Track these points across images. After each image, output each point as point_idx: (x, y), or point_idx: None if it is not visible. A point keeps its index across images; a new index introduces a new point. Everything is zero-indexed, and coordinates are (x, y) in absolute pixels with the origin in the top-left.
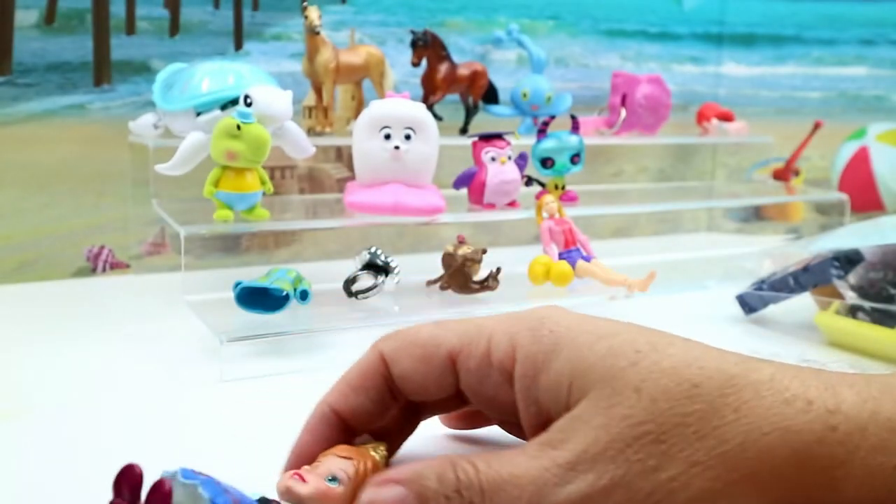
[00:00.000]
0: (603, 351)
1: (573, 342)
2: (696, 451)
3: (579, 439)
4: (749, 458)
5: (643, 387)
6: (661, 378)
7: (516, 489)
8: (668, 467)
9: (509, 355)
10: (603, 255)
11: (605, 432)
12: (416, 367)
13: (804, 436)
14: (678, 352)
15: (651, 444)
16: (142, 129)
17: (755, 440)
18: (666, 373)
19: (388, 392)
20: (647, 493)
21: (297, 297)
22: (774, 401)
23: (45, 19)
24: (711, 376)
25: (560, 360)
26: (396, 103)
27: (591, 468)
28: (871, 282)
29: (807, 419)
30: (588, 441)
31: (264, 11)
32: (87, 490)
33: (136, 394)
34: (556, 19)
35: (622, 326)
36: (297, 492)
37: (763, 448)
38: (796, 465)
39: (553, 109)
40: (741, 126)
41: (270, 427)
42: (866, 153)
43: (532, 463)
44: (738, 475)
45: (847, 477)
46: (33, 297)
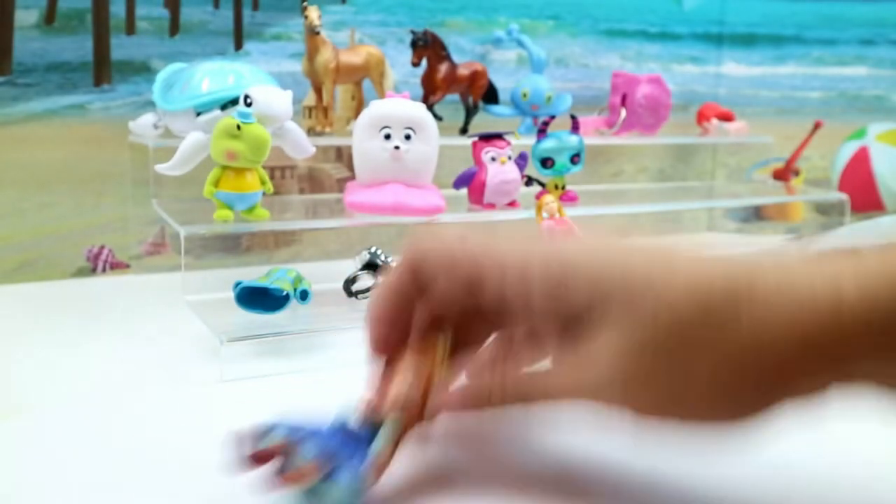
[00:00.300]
0: (618, 276)
1: (589, 268)
2: (710, 356)
3: (603, 361)
4: (760, 356)
5: (658, 307)
6: (674, 297)
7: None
8: (686, 373)
9: (526, 282)
10: None
11: (626, 352)
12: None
13: (811, 330)
14: (689, 267)
15: (668, 356)
16: (142, 129)
17: (765, 342)
18: (679, 291)
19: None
20: (667, 396)
21: (297, 297)
22: (781, 303)
23: (45, 19)
24: (723, 287)
25: (578, 288)
26: (396, 103)
27: (616, 386)
28: None
29: (813, 317)
30: (612, 361)
31: (264, 11)
32: (87, 490)
33: (136, 394)
34: (556, 19)
35: (635, 249)
36: None
37: (772, 346)
38: (804, 358)
39: (553, 109)
40: (741, 126)
41: None
42: (866, 153)
43: (565, 380)
44: (749, 373)
45: (855, 362)
46: (33, 297)
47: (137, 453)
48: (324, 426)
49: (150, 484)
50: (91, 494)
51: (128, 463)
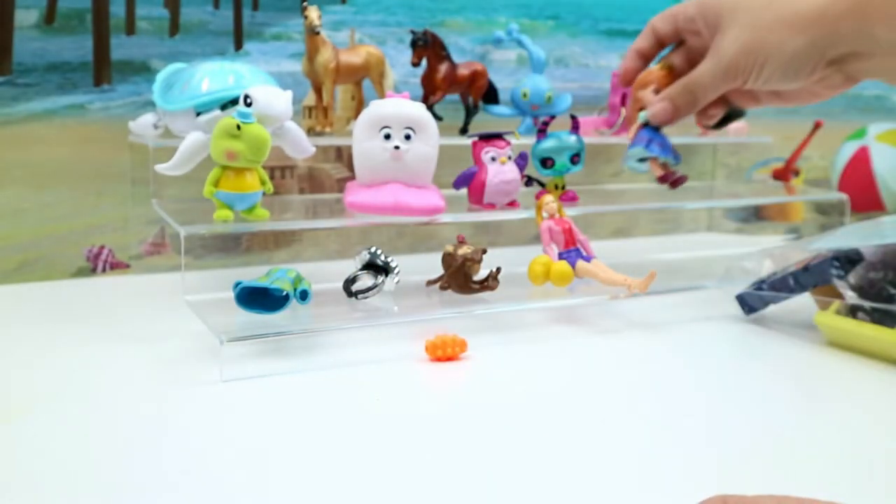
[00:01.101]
0: (735, 3)
1: (722, 3)
2: (766, 24)
3: (720, 46)
4: (794, 18)
5: (746, 17)
6: (756, 12)
7: (704, 75)
8: (758, 39)
9: (691, 16)
10: (603, 255)
11: (737, 39)
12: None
13: (835, 2)
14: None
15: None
16: (142, 128)
17: (797, 10)
18: (761, 9)
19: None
20: (756, 45)
21: (297, 297)
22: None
23: (45, 19)
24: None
25: (713, 13)
26: (396, 103)
27: (728, 55)
28: (871, 282)
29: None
30: (725, 46)
31: (264, 11)
32: (87, 489)
33: (137, 393)
34: (556, 19)
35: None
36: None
37: (801, 13)
38: (830, 16)
39: (553, 109)
40: (741, 126)
41: (270, 427)
42: (866, 153)
43: (708, 63)
44: (788, 29)
45: (879, 15)
46: (33, 297)
47: (138, 453)
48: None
49: (150, 483)
50: (91, 494)
51: (128, 462)
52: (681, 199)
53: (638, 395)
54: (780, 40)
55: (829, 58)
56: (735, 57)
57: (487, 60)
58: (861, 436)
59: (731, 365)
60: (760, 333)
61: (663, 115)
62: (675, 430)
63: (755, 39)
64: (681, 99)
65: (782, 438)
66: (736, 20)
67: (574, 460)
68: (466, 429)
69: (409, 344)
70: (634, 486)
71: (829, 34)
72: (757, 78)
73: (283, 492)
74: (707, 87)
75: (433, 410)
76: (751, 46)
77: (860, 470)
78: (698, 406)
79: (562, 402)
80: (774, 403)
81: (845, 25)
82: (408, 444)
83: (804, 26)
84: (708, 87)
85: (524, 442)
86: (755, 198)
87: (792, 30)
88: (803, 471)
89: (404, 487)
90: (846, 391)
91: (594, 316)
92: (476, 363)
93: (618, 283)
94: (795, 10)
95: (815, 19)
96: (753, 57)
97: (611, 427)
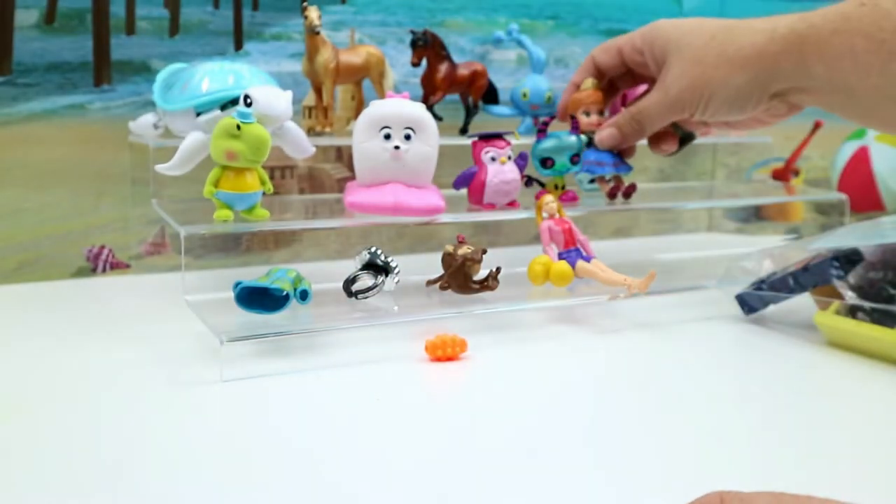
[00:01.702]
0: (679, 39)
1: (667, 36)
2: (711, 61)
3: (666, 80)
4: (736, 56)
5: (690, 53)
6: (700, 49)
7: (651, 107)
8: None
9: (638, 48)
10: (603, 255)
11: (681, 75)
12: (605, 57)
13: (773, 39)
14: (717, 33)
15: (701, 73)
16: (142, 128)
17: (739, 48)
18: (704, 46)
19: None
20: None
21: (297, 297)
22: (749, 33)
23: (45, 19)
24: (725, 30)
25: (659, 47)
26: (396, 103)
27: (674, 89)
28: (871, 282)
29: (773, 37)
30: (671, 80)
31: (264, 11)
32: (87, 489)
33: (137, 394)
34: (556, 19)
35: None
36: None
37: (743, 51)
38: (770, 54)
39: (553, 110)
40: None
41: (270, 427)
42: (866, 153)
43: (654, 95)
44: (731, 66)
45: (814, 54)
46: (33, 297)
47: (138, 453)
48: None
49: (150, 483)
50: (92, 493)
51: (128, 462)
52: (681, 199)
53: (637, 395)
54: (723, 77)
55: (772, 92)
56: (681, 92)
57: (487, 60)
58: (860, 435)
59: (731, 365)
60: (760, 333)
61: (610, 140)
62: (674, 429)
63: (700, 75)
64: (628, 127)
65: (781, 437)
66: (681, 55)
67: (573, 459)
68: (466, 429)
69: (409, 344)
70: (633, 483)
71: (770, 70)
72: (704, 111)
73: (284, 491)
74: (654, 118)
75: (433, 410)
76: (696, 82)
77: (858, 469)
78: (697, 405)
79: (561, 401)
80: (773, 403)
81: (785, 62)
82: (408, 443)
83: (746, 63)
84: (655, 117)
85: (524, 441)
86: (755, 198)
87: (735, 66)
88: (801, 469)
89: (404, 487)
90: (846, 391)
91: (594, 316)
92: (476, 363)
93: (618, 283)
94: (738, 46)
95: (757, 56)
96: (699, 92)
97: (610, 426)
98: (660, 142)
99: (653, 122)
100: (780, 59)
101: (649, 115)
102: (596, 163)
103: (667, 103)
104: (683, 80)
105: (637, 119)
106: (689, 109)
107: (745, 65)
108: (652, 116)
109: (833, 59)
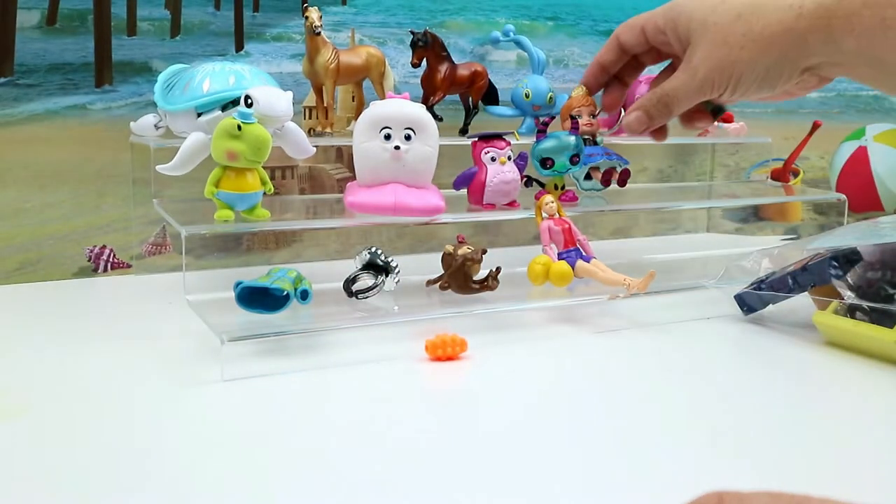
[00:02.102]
0: (704, 18)
1: (690, 15)
2: (738, 41)
3: (693, 60)
4: (763, 34)
5: (716, 33)
6: (726, 28)
7: (678, 88)
8: (737, 62)
9: (661, 28)
10: (603, 255)
11: (704, 58)
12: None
13: (801, 15)
14: (743, 11)
15: (727, 53)
16: (143, 129)
17: (766, 25)
18: (730, 25)
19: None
20: (728, 63)
21: (298, 297)
22: (776, 10)
23: (46, 20)
24: (750, 7)
25: (683, 26)
26: (397, 104)
27: (702, 71)
28: (870, 281)
29: (801, 12)
30: (698, 62)
31: (265, 12)
32: (87, 488)
33: (138, 393)
34: (556, 20)
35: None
36: None
37: (770, 28)
38: (798, 31)
39: (554, 110)
40: (740, 126)
41: (271, 426)
42: (865, 153)
43: (681, 76)
44: (759, 46)
45: (844, 28)
46: (35, 297)
47: (139, 452)
48: None
49: (151, 482)
50: (92, 493)
51: (129, 461)
52: (680, 199)
53: (636, 395)
54: (752, 57)
55: (802, 67)
56: (709, 73)
57: (487, 61)
58: (858, 434)
59: (730, 364)
60: (759, 333)
61: (637, 124)
62: (672, 428)
63: (727, 56)
64: (654, 109)
65: (780, 437)
66: (706, 35)
67: (573, 458)
68: (466, 428)
69: (409, 344)
70: (632, 482)
71: (799, 47)
72: (732, 92)
73: (284, 490)
74: (681, 100)
75: (433, 410)
76: (723, 64)
77: (856, 468)
78: (696, 404)
79: (561, 401)
80: (772, 402)
81: (814, 38)
82: (408, 443)
83: (774, 42)
84: (682, 99)
85: (524, 441)
86: (754, 198)
87: (763, 46)
88: (800, 468)
89: (404, 486)
90: (844, 391)
91: (594, 316)
92: (476, 363)
93: (617, 283)
94: (765, 24)
95: (784, 34)
96: (728, 74)
97: (609, 425)
98: (693, 120)
99: (680, 103)
100: (808, 35)
101: (676, 97)
102: (588, 155)
103: (694, 86)
104: (710, 61)
105: (664, 102)
106: (718, 90)
107: (773, 43)
108: (679, 98)
109: (863, 33)
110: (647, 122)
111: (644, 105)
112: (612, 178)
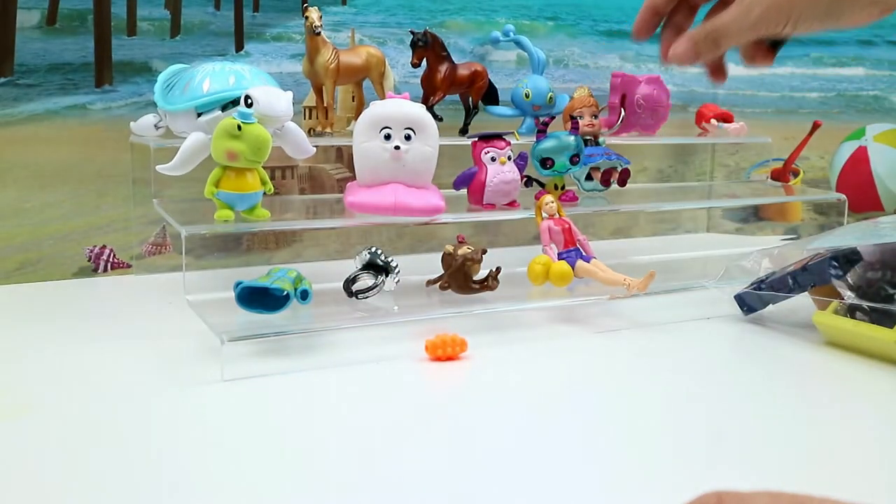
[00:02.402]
0: None
1: None
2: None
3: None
4: None
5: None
6: None
7: (729, 25)
8: None
9: None
10: (603, 255)
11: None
12: None
13: None
14: None
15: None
16: (143, 129)
17: None
18: None
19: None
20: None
21: (298, 297)
22: None
23: (46, 20)
24: None
25: None
26: (396, 104)
27: (757, 9)
28: (870, 281)
29: None
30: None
31: (265, 12)
32: (87, 488)
33: (138, 392)
34: (556, 20)
35: None
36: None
37: None
38: None
39: (554, 110)
40: (740, 126)
41: (271, 426)
42: (865, 153)
43: (734, 11)
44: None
45: None
46: (35, 297)
47: (139, 451)
48: None
49: (151, 481)
50: (92, 492)
51: (129, 461)
52: (680, 199)
53: (636, 394)
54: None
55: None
56: (765, 12)
57: (487, 61)
58: (858, 434)
59: (730, 364)
60: (759, 333)
61: (684, 55)
62: (672, 428)
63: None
64: (703, 44)
65: (779, 436)
66: None
67: (573, 457)
68: (466, 428)
69: (409, 343)
70: (632, 481)
71: None
72: (793, 29)
73: (284, 489)
74: (732, 37)
75: (433, 410)
76: (781, 2)
77: (856, 467)
78: (696, 404)
79: (561, 400)
80: (772, 402)
81: None
82: (408, 442)
83: None
84: (733, 36)
85: (524, 440)
86: (754, 198)
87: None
88: (799, 468)
89: (404, 486)
90: (844, 390)
91: (594, 316)
92: (476, 363)
93: (617, 283)
94: None
95: None
96: (786, 12)
97: (609, 425)
98: (754, 55)
99: (730, 40)
100: None
101: (727, 34)
102: (588, 155)
103: (747, 23)
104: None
105: (713, 37)
106: (774, 29)
107: None
108: (730, 34)
109: None
110: (694, 55)
111: (693, 37)
112: (612, 178)
